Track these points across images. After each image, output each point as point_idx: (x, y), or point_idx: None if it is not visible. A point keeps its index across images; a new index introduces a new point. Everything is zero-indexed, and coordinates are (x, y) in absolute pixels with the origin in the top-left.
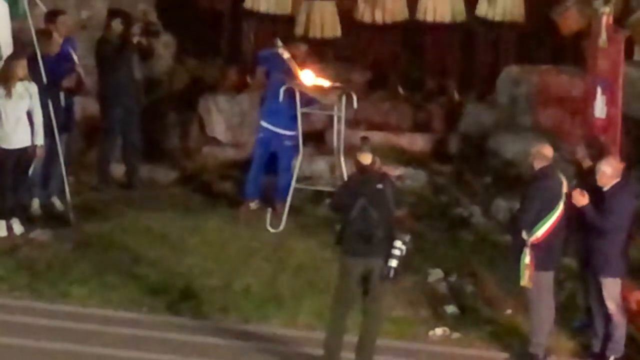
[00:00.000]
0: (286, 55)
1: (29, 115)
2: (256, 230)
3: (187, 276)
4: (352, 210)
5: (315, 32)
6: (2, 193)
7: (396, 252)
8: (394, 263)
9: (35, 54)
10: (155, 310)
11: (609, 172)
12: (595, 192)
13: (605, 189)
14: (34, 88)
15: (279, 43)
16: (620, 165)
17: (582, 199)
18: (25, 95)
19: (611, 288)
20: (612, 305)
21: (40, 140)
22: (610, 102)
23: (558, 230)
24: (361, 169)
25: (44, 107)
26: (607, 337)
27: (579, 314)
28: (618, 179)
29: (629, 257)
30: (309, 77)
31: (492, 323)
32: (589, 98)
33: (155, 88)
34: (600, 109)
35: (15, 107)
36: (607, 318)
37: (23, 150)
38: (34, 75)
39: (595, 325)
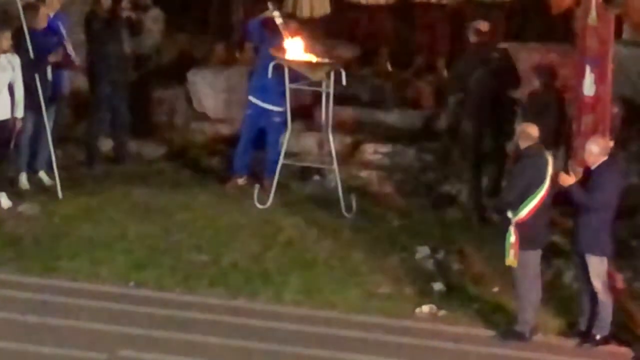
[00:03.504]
0: (279, 20)
1: (10, 88)
2: (244, 206)
3: (175, 251)
4: None
5: (305, 10)
6: None
7: None
8: None
9: (22, 28)
10: (143, 285)
11: (595, 150)
12: (584, 171)
13: (592, 167)
14: (16, 60)
15: (273, 7)
16: (608, 143)
17: (568, 178)
18: (8, 68)
19: (597, 266)
20: (598, 283)
21: (20, 113)
22: (599, 80)
23: (543, 209)
24: None
25: (31, 81)
26: (594, 316)
27: (566, 292)
28: (605, 158)
29: (616, 237)
30: (298, 50)
31: (478, 301)
32: (578, 76)
33: (144, 63)
34: (589, 87)
35: None
36: (593, 296)
37: (3, 123)
38: (19, 49)
39: (582, 303)
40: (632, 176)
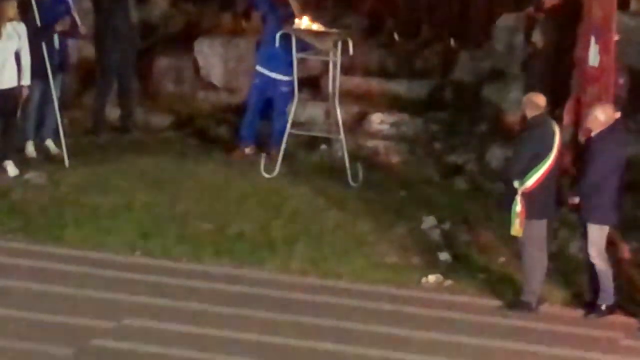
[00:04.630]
0: None
1: (17, 56)
2: (250, 175)
3: (182, 220)
4: None
5: None
6: None
7: None
8: None
9: None
10: (150, 254)
11: (601, 118)
12: (586, 140)
13: (593, 134)
14: (22, 28)
15: None
16: (615, 113)
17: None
18: (14, 36)
19: (595, 234)
20: (594, 251)
21: (27, 80)
22: (604, 51)
23: (550, 179)
24: None
25: (38, 49)
26: (597, 286)
27: (572, 263)
28: (606, 127)
29: (621, 208)
30: (305, 20)
31: (485, 271)
32: (583, 46)
33: (151, 32)
34: (593, 57)
35: (4, 47)
36: (587, 267)
37: (10, 91)
38: (26, 18)
39: (588, 274)
40: (636, 145)
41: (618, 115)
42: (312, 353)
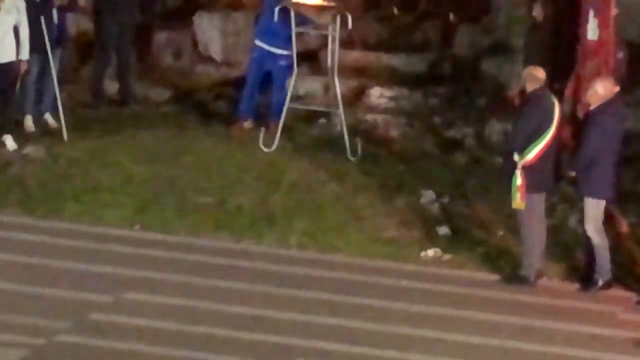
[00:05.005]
0: None
1: (16, 30)
2: (249, 149)
3: (181, 194)
4: None
5: None
6: None
7: None
8: None
9: None
10: (148, 228)
11: (601, 92)
12: (584, 113)
13: (591, 107)
14: (21, 3)
15: None
16: (614, 87)
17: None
18: (13, 10)
19: (591, 208)
20: (590, 226)
21: (25, 55)
22: (602, 25)
23: (550, 152)
24: None
25: (36, 23)
26: (594, 261)
27: (570, 237)
28: (605, 101)
29: (618, 182)
30: None
31: (484, 245)
32: (582, 21)
33: (150, 5)
34: (592, 31)
35: (2, 21)
36: (588, 241)
37: (8, 65)
38: None
39: (585, 248)
40: (638, 121)
41: (617, 89)
42: (310, 327)
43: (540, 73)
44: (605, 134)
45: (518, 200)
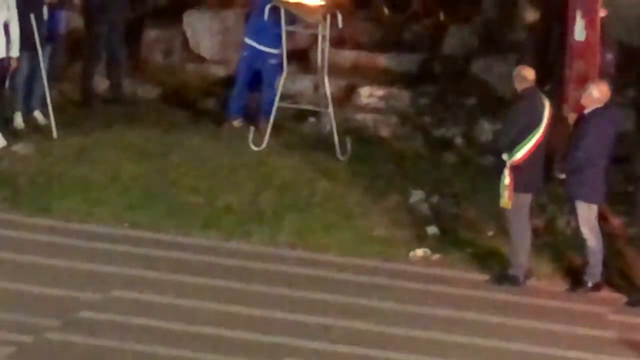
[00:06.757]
0: None
1: (6, 27)
2: (239, 148)
3: (170, 192)
4: None
5: None
6: None
7: None
8: None
9: None
10: (138, 226)
11: (595, 95)
12: (578, 117)
13: (586, 111)
14: (12, 0)
15: None
16: (609, 92)
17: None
18: (3, 7)
19: (585, 213)
20: (586, 229)
21: (15, 52)
22: (589, 26)
23: (538, 152)
24: None
25: (26, 20)
26: (585, 262)
27: (559, 238)
28: (600, 105)
29: (610, 184)
30: None
31: (472, 245)
32: (570, 22)
33: (141, 3)
34: (579, 32)
35: None
36: (583, 243)
37: None
38: None
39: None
40: (628, 122)
41: (610, 93)
42: (300, 326)
43: (529, 73)
44: (599, 139)
45: (505, 199)
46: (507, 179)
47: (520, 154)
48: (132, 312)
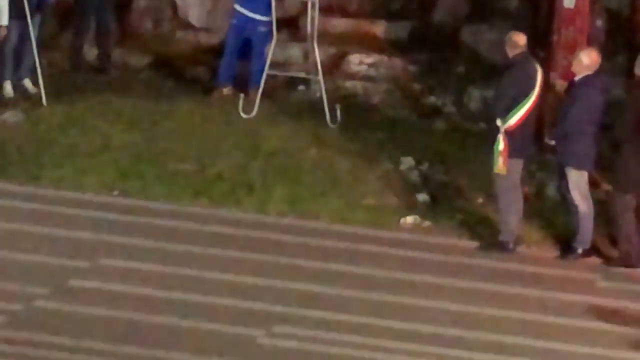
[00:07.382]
0: None
1: None
2: (229, 116)
3: (160, 161)
4: None
5: None
6: None
7: None
8: None
9: None
10: (128, 194)
11: (585, 61)
12: (568, 84)
13: (576, 78)
14: None
15: None
16: (599, 59)
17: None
18: None
19: (576, 179)
20: (577, 196)
21: (4, 21)
22: None
23: (531, 118)
24: None
25: None
26: (575, 229)
27: (549, 204)
28: (590, 72)
29: (598, 152)
30: None
31: (462, 212)
32: None
33: None
34: None
35: None
36: (574, 209)
37: None
38: None
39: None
40: (617, 88)
41: (599, 59)
42: (288, 293)
43: (520, 38)
44: (589, 106)
45: (500, 165)
46: (501, 144)
47: (514, 119)
48: (121, 280)
